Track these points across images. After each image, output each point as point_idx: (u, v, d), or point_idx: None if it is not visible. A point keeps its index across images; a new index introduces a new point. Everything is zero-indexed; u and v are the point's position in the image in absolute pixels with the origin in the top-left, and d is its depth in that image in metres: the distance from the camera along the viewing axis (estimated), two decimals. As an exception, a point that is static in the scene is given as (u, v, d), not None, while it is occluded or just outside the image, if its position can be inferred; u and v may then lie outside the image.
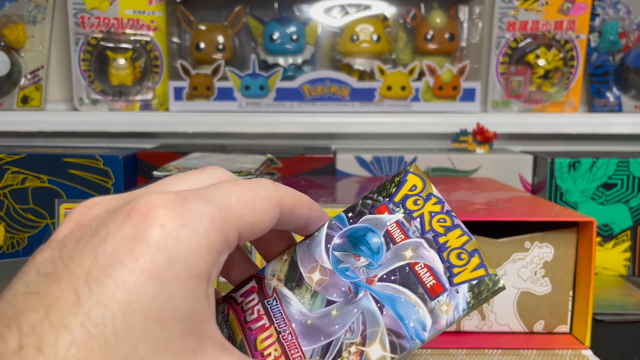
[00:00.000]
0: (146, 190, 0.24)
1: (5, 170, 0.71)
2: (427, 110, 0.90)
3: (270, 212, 0.24)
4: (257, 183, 0.25)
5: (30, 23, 0.92)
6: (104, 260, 0.19)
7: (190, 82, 0.89)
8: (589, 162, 0.73)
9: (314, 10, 0.91)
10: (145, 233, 0.20)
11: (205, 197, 0.22)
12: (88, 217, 0.22)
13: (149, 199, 0.21)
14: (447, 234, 0.28)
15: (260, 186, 0.24)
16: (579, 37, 0.90)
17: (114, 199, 0.24)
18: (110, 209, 0.22)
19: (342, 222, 0.29)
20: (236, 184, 0.24)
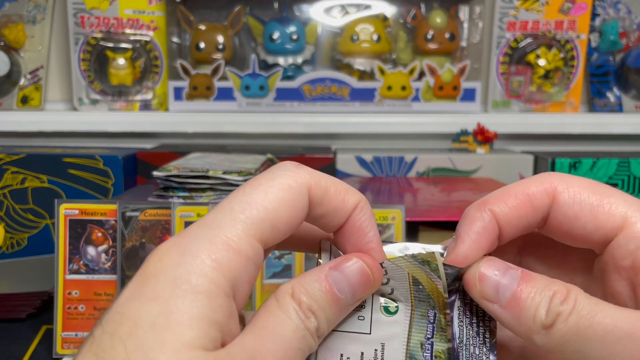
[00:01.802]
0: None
1: (5, 170, 0.71)
2: (428, 110, 0.89)
3: (292, 203, 0.22)
4: (273, 172, 0.22)
5: (30, 23, 0.92)
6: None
7: (190, 82, 0.89)
8: (589, 162, 0.73)
9: (314, 10, 0.91)
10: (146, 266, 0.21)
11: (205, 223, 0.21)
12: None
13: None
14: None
15: (276, 175, 0.22)
16: (579, 37, 0.90)
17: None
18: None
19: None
20: (244, 186, 0.23)
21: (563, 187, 0.23)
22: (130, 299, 0.20)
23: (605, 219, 0.22)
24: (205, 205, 0.49)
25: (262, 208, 0.21)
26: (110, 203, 0.50)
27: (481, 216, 0.23)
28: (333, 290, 0.22)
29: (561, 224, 0.23)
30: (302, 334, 0.21)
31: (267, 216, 0.21)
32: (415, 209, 0.54)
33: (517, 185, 0.24)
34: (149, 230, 0.50)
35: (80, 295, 0.50)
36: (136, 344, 0.18)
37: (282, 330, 0.21)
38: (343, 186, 0.23)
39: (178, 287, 0.19)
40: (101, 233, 0.50)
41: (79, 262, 0.50)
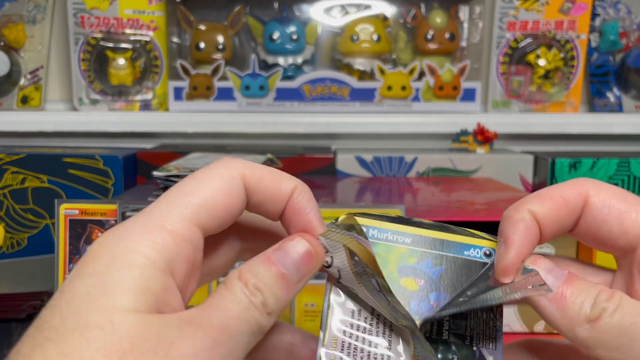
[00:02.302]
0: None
1: (5, 170, 0.71)
2: (428, 110, 0.89)
3: (226, 189, 0.23)
4: (209, 165, 0.24)
5: (30, 23, 0.92)
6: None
7: (190, 82, 0.89)
8: (589, 162, 0.73)
9: (314, 10, 0.91)
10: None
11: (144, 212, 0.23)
12: None
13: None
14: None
15: (210, 167, 0.24)
16: (579, 37, 0.90)
17: None
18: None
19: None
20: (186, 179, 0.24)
21: (595, 192, 0.24)
22: (70, 278, 0.21)
23: (631, 225, 0.24)
24: (205, 205, 0.49)
25: (196, 195, 0.23)
26: (110, 203, 0.50)
27: (522, 217, 0.24)
28: (278, 268, 0.23)
29: (590, 227, 0.25)
30: (245, 306, 0.22)
31: (201, 202, 0.23)
32: (415, 209, 0.54)
33: (553, 189, 0.25)
34: (149, 230, 0.50)
35: (80, 295, 0.50)
36: (71, 310, 0.20)
37: (224, 303, 0.22)
38: (278, 174, 0.25)
39: (114, 263, 0.21)
40: (101, 233, 0.50)
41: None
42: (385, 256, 0.26)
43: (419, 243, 0.26)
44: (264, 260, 0.23)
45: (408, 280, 0.25)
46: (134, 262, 0.21)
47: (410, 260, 0.26)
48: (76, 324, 0.19)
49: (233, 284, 0.23)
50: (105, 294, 0.20)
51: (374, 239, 0.26)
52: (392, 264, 0.26)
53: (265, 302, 0.22)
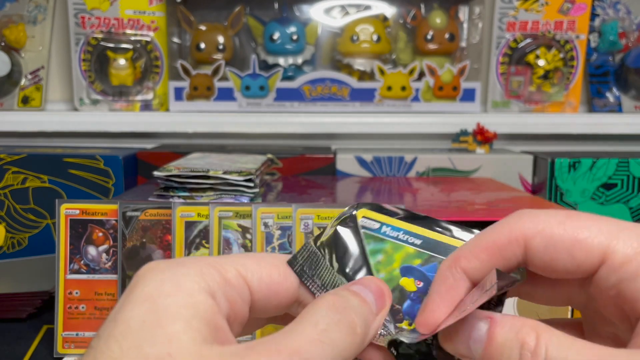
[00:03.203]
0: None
1: (6, 170, 0.71)
2: (427, 111, 0.90)
3: (283, 269, 0.24)
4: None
5: (31, 23, 0.92)
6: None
7: (190, 82, 0.89)
8: (589, 162, 0.73)
9: (314, 11, 0.91)
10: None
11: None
12: None
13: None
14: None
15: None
16: (578, 37, 0.90)
17: None
18: None
19: None
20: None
21: (533, 232, 0.23)
22: (122, 304, 0.21)
23: (584, 257, 0.22)
24: (205, 205, 0.50)
25: (252, 257, 0.25)
26: (110, 203, 0.50)
27: (451, 275, 0.24)
28: (361, 296, 0.24)
29: (539, 268, 0.23)
30: (324, 327, 0.22)
31: (254, 264, 0.24)
32: (415, 209, 0.54)
33: (488, 235, 0.24)
34: (149, 230, 0.50)
35: (81, 295, 0.51)
36: (129, 342, 0.19)
37: (298, 327, 0.22)
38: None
39: (163, 288, 0.21)
40: (102, 233, 0.51)
41: (80, 262, 0.51)
42: (391, 254, 0.26)
43: (428, 246, 0.26)
44: (345, 289, 0.23)
45: (408, 281, 0.26)
46: (184, 289, 0.21)
47: (415, 262, 0.26)
48: (136, 356, 0.19)
49: (316, 306, 0.22)
50: (159, 323, 0.20)
51: (384, 236, 0.26)
52: (397, 262, 0.26)
53: (353, 321, 0.22)
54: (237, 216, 0.49)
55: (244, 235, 0.49)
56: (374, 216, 0.27)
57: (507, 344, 0.21)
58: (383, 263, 0.26)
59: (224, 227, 0.49)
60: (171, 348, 0.19)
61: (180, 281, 0.21)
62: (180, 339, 0.19)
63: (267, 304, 0.24)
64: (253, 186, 0.55)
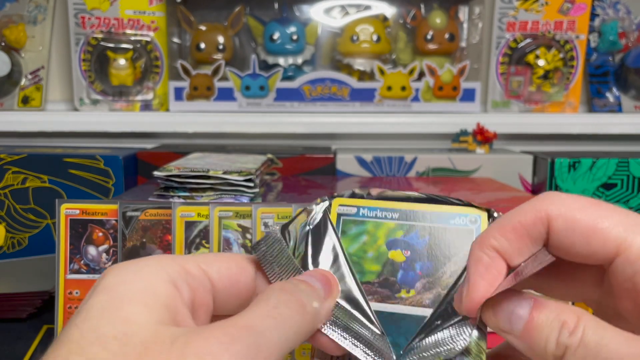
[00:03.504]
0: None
1: (6, 170, 0.71)
2: (427, 111, 0.90)
3: (241, 261, 0.26)
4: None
5: (31, 23, 0.92)
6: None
7: (190, 82, 0.89)
8: (588, 162, 0.73)
9: (314, 11, 0.91)
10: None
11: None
12: None
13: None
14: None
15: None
16: (578, 37, 0.90)
17: None
18: None
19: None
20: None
21: (556, 214, 0.23)
22: (86, 298, 0.22)
23: (600, 247, 0.23)
24: (205, 205, 0.50)
25: (209, 255, 0.26)
26: (111, 203, 0.50)
27: (482, 256, 0.24)
28: (307, 282, 0.26)
29: (559, 250, 0.24)
30: (274, 304, 0.23)
31: (212, 259, 0.26)
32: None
33: (515, 216, 0.24)
34: (149, 230, 0.50)
35: (81, 294, 0.51)
36: (89, 326, 0.21)
37: (251, 307, 0.23)
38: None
39: (124, 280, 0.22)
40: (102, 233, 0.51)
41: (80, 262, 0.51)
42: (374, 232, 0.28)
43: (406, 217, 0.28)
44: (294, 279, 0.25)
45: (396, 253, 0.28)
46: (144, 277, 0.22)
47: (398, 234, 0.28)
48: (95, 338, 0.20)
49: (268, 289, 0.24)
50: (117, 308, 0.21)
51: (364, 217, 0.28)
52: (381, 238, 0.28)
53: (301, 300, 0.23)
54: (237, 216, 0.49)
55: (244, 235, 0.49)
56: (350, 202, 0.28)
57: (548, 324, 0.22)
58: (368, 243, 0.28)
59: (224, 227, 0.49)
60: (127, 328, 0.20)
61: (140, 272, 0.23)
62: (137, 320, 0.21)
63: (228, 294, 0.25)
64: (253, 186, 0.55)
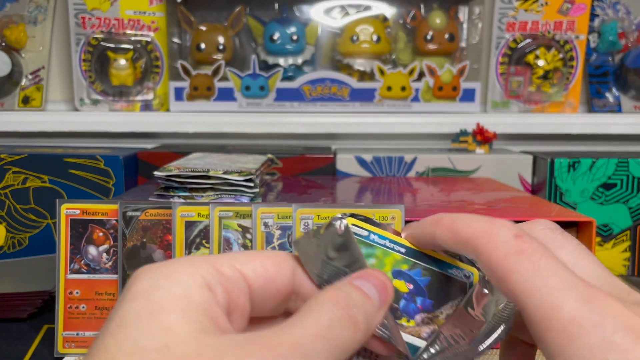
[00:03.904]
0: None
1: (7, 170, 0.72)
2: (427, 111, 0.90)
3: (278, 259, 0.25)
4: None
5: (31, 23, 0.93)
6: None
7: (190, 82, 0.89)
8: (588, 162, 0.73)
9: (314, 11, 0.91)
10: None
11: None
12: None
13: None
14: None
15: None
16: (578, 37, 0.90)
17: None
18: None
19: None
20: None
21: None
22: (117, 305, 0.21)
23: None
24: (205, 205, 0.50)
25: (245, 253, 0.25)
26: (111, 203, 0.51)
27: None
28: (363, 290, 0.24)
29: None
30: (326, 323, 0.22)
31: (248, 258, 0.24)
32: (414, 209, 0.54)
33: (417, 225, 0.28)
34: (150, 230, 0.50)
35: (81, 294, 0.51)
36: (124, 335, 0.20)
37: (301, 321, 0.21)
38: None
39: (157, 282, 0.21)
40: (102, 233, 0.51)
41: (80, 262, 0.51)
42: (382, 258, 0.29)
43: (411, 254, 0.29)
44: (348, 283, 0.23)
45: (400, 283, 0.28)
46: (178, 282, 0.21)
47: (403, 267, 0.29)
48: (133, 349, 0.19)
49: (319, 303, 0.22)
50: (154, 316, 0.20)
51: (373, 242, 0.29)
52: (388, 266, 0.29)
53: (355, 316, 0.22)
54: (237, 216, 0.49)
55: (244, 235, 0.49)
56: (362, 225, 0.29)
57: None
58: (376, 266, 0.28)
59: (224, 227, 0.49)
60: (168, 339, 0.19)
61: (173, 275, 0.21)
62: (177, 329, 0.19)
63: (265, 294, 0.24)
64: (253, 186, 0.55)
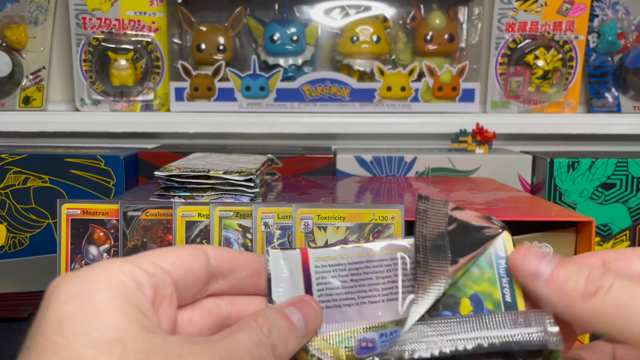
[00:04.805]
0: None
1: (7, 170, 0.72)
2: (427, 111, 0.90)
3: (192, 250, 0.27)
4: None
5: (32, 24, 0.93)
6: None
7: (191, 82, 0.89)
8: (588, 162, 0.73)
9: (315, 11, 0.92)
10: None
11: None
12: None
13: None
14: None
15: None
16: (577, 37, 0.90)
17: None
18: None
19: None
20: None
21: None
22: (44, 311, 0.23)
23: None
24: (206, 204, 0.50)
25: (161, 250, 0.27)
26: (111, 203, 0.51)
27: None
28: (290, 320, 0.26)
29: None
30: (255, 343, 0.24)
31: (165, 254, 0.26)
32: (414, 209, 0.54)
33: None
34: (150, 229, 0.50)
35: (82, 294, 0.51)
36: (73, 330, 0.21)
37: (237, 336, 0.24)
38: (245, 252, 0.30)
39: (92, 286, 0.23)
40: (103, 233, 0.51)
41: (81, 262, 0.51)
42: (479, 278, 0.28)
43: (500, 309, 0.28)
44: (278, 311, 0.26)
45: (466, 303, 0.28)
46: (109, 283, 0.22)
47: (487, 304, 0.28)
48: (87, 343, 0.20)
49: (249, 324, 0.25)
50: (100, 314, 0.21)
51: (494, 267, 0.28)
52: (475, 288, 0.28)
53: (275, 345, 0.25)
54: (238, 216, 0.49)
55: (245, 235, 0.49)
56: (509, 244, 0.28)
57: (576, 268, 0.25)
58: (472, 278, 0.27)
59: (224, 226, 0.49)
60: (119, 334, 0.21)
61: (103, 279, 0.23)
62: (124, 327, 0.21)
63: (187, 283, 0.26)
64: (253, 186, 0.55)
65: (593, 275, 0.24)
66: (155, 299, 0.24)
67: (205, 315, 0.28)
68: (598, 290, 0.23)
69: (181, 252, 0.26)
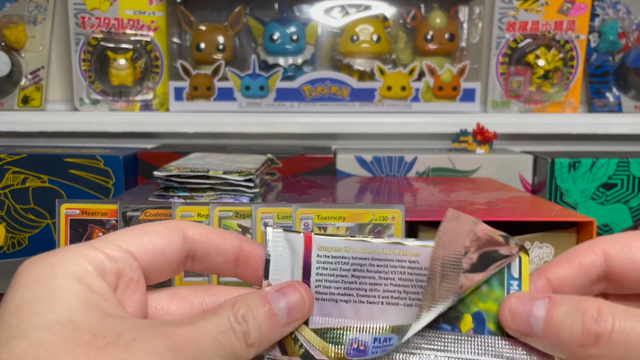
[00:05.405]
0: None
1: (6, 170, 0.72)
2: (427, 111, 0.90)
3: (166, 231, 0.26)
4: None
5: (31, 23, 0.92)
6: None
7: (190, 82, 0.89)
8: (589, 162, 0.73)
9: (314, 11, 0.91)
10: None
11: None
12: None
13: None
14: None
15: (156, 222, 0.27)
16: (578, 37, 0.90)
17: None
18: None
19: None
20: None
21: (611, 242, 0.26)
22: (7, 293, 0.22)
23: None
24: (205, 205, 0.50)
25: (131, 230, 0.26)
26: (111, 203, 0.50)
27: (534, 283, 0.26)
28: (271, 307, 0.25)
29: (619, 273, 0.26)
30: (223, 330, 0.23)
31: (133, 235, 0.25)
32: (414, 209, 0.54)
33: (570, 249, 0.27)
34: (149, 230, 0.50)
35: (81, 294, 0.51)
36: (29, 312, 0.21)
37: (202, 323, 0.23)
38: (223, 230, 0.28)
39: (51, 272, 0.22)
40: (102, 233, 0.51)
41: (80, 262, 0.51)
42: (487, 296, 0.28)
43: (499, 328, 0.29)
44: (260, 297, 0.25)
45: (468, 320, 0.27)
46: (71, 268, 0.22)
47: (490, 323, 0.28)
48: (37, 322, 0.21)
49: (223, 310, 0.24)
50: (54, 297, 0.21)
51: (505, 285, 0.28)
52: (480, 305, 0.28)
53: (248, 333, 0.24)
54: (237, 216, 0.49)
55: (244, 235, 0.49)
56: (525, 265, 0.27)
57: (568, 314, 0.23)
58: (479, 295, 0.26)
59: (224, 227, 0.49)
60: (71, 315, 0.21)
61: (66, 264, 0.23)
62: (78, 308, 0.21)
63: (157, 265, 0.26)
64: (253, 186, 0.55)
65: (588, 316, 0.23)
66: (119, 284, 0.24)
67: (183, 306, 0.27)
68: (598, 338, 0.22)
69: (152, 234, 0.25)
